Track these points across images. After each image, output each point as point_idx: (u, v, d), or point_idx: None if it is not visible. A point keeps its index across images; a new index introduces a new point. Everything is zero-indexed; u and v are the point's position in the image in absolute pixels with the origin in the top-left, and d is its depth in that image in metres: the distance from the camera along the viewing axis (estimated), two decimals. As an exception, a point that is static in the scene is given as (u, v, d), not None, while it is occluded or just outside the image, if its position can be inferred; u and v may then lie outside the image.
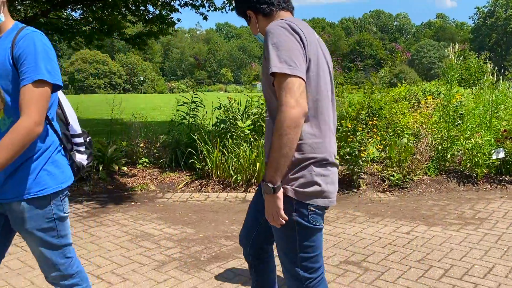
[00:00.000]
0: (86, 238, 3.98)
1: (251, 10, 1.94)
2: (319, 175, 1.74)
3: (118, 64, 76.24)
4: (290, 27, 1.71)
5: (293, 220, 1.74)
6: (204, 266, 3.34)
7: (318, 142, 1.74)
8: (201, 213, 4.74)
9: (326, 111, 1.79)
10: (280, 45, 1.67)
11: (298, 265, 1.80)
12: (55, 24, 11.93)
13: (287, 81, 1.62)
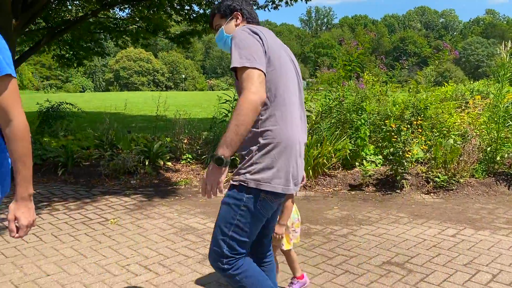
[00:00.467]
0: (133, 229, 4.15)
1: (240, 14, 2.20)
2: (278, 161, 1.89)
3: (161, 62, 78.02)
4: (250, 30, 1.95)
5: (242, 201, 1.89)
6: (247, 261, 3.41)
7: (280, 129, 1.90)
8: (243, 209, 4.81)
9: (289, 103, 1.96)
10: (240, 44, 1.88)
11: (226, 241, 1.93)
12: (103, 23, 12.38)
13: (247, 72, 1.82)
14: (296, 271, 2.90)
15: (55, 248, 3.68)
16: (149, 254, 3.56)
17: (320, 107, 6.73)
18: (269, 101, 1.91)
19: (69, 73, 66.03)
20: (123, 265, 3.35)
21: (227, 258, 1.93)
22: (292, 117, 1.96)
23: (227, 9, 2.20)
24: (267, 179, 1.87)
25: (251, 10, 2.23)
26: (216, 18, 2.24)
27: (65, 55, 13.71)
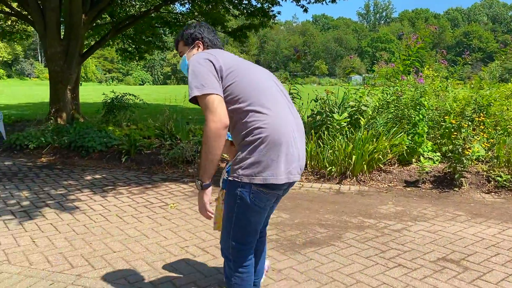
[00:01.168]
0: (191, 214, 4.35)
1: (201, 42, 2.31)
2: (266, 155, 1.97)
3: (217, 56, 79.25)
4: (200, 57, 2.08)
5: (237, 195, 2.02)
6: (300, 249, 3.50)
7: (264, 124, 1.98)
8: (296, 200, 4.90)
9: (267, 100, 2.03)
10: (192, 74, 2.03)
11: (230, 232, 2.11)
12: (164, 18, 12.85)
13: (203, 101, 1.97)
14: None
15: (120, 228, 3.95)
16: (206, 237, 3.74)
17: (377, 102, 6.65)
18: (244, 106, 2.01)
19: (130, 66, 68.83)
20: (182, 246, 3.55)
21: (233, 249, 2.13)
22: (276, 110, 2.03)
23: (189, 38, 2.32)
24: (258, 172, 1.97)
25: (213, 38, 2.33)
26: (180, 45, 2.37)
27: (128, 49, 14.37)
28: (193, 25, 2.35)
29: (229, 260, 2.18)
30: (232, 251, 2.14)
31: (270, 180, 1.98)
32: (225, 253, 2.20)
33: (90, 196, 4.99)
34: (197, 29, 2.31)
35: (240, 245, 2.13)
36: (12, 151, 7.44)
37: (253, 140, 1.97)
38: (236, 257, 2.15)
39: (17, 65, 64.55)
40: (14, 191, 5.12)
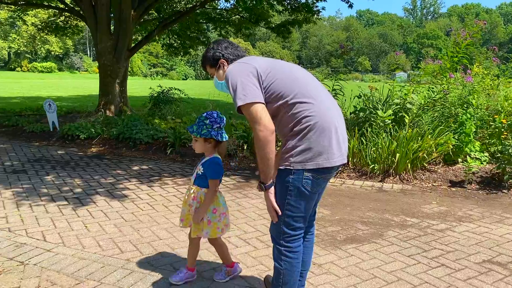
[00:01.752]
0: (233, 206, 4.46)
1: (225, 59, 2.36)
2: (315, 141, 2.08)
3: (258, 52, 79.48)
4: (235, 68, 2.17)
5: (289, 182, 2.11)
6: (340, 245, 3.52)
7: (311, 113, 2.08)
8: (337, 197, 4.90)
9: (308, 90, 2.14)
10: (232, 86, 2.11)
11: (281, 219, 2.18)
12: (209, 14, 13.05)
13: (248, 111, 2.06)
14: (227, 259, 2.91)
15: (166, 217, 4.11)
16: (248, 229, 3.83)
17: (422, 100, 6.51)
18: (290, 100, 2.11)
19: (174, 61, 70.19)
20: (224, 237, 3.65)
21: (283, 234, 2.21)
22: (319, 99, 2.15)
23: (212, 60, 2.38)
24: (310, 158, 2.08)
25: (234, 50, 2.37)
26: (208, 68, 2.44)
27: (173, 44, 14.71)
28: (210, 47, 2.42)
29: (279, 245, 2.25)
30: (283, 237, 2.22)
31: (324, 164, 2.10)
32: (276, 239, 2.27)
33: (137, 185, 5.20)
34: (216, 49, 2.37)
35: (292, 231, 2.21)
36: (64, 141, 7.83)
37: (302, 128, 2.08)
38: (287, 242, 2.23)
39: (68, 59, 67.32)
40: (67, 179, 5.42)
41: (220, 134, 2.56)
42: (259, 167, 2.13)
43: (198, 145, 2.60)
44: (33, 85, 28.73)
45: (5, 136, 8.58)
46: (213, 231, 2.65)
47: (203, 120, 2.55)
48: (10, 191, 4.84)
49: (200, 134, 2.53)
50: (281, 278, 2.27)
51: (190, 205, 2.65)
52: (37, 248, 3.34)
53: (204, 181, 2.61)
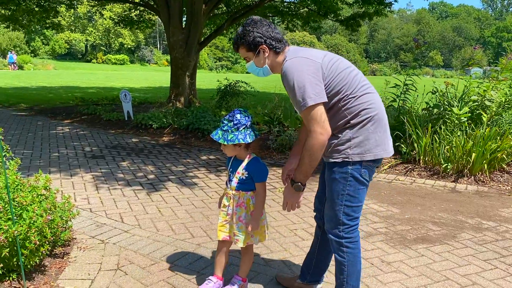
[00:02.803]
0: (303, 201, 4.46)
1: (265, 45, 2.18)
2: (373, 132, 2.13)
3: (324, 45, 78.40)
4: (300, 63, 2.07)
5: (348, 173, 2.13)
6: (410, 244, 3.42)
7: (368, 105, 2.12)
8: (407, 196, 4.75)
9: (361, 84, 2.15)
10: (296, 85, 2.03)
11: (341, 210, 2.19)
12: (277, 7, 13.06)
13: (310, 113, 2.02)
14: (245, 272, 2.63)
15: (234, 206, 4.21)
16: (313, 223, 3.83)
17: (503, 97, 6.11)
18: (349, 94, 2.11)
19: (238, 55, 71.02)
20: (291, 229, 3.69)
21: (343, 225, 2.21)
22: (373, 91, 2.20)
23: (251, 44, 2.20)
24: (368, 149, 2.12)
25: (275, 34, 2.20)
26: (242, 50, 2.25)
27: (240, 38, 14.88)
28: (249, 29, 2.19)
29: (340, 238, 2.24)
30: (343, 229, 2.22)
31: (382, 154, 2.15)
32: (335, 233, 2.25)
33: (206, 174, 5.37)
34: (256, 32, 2.18)
35: (351, 222, 2.22)
36: (138, 130, 8.25)
37: (361, 120, 2.11)
38: (347, 233, 2.23)
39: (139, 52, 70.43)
40: (141, 165, 5.72)
41: (248, 135, 2.32)
42: (302, 168, 2.11)
43: (228, 150, 2.40)
44: (108, 76, 30.43)
45: (85, 123, 9.19)
46: (262, 235, 2.51)
47: (227, 124, 2.33)
48: (90, 175, 5.19)
49: (226, 140, 2.31)
50: (346, 270, 2.27)
51: (235, 213, 2.44)
52: (116, 228, 3.57)
53: (248, 185, 2.42)
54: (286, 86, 2.11)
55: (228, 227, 2.48)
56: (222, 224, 2.49)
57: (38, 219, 2.57)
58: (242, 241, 2.43)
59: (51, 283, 2.63)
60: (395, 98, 6.99)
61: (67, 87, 18.92)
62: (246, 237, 2.44)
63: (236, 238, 2.45)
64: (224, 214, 2.48)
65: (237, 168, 2.43)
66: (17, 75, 28.02)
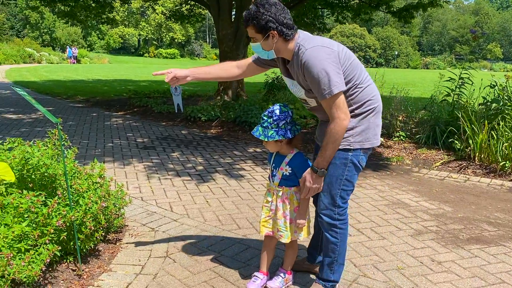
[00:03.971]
0: (347, 195, 4.41)
1: (276, 31, 2.15)
2: (373, 122, 2.27)
3: (374, 38, 76.41)
4: (329, 50, 2.11)
5: (348, 159, 2.25)
6: (463, 244, 3.29)
7: (372, 97, 2.25)
8: (460, 194, 4.57)
9: (366, 75, 2.28)
10: (320, 74, 2.06)
11: (338, 194, 2.31)
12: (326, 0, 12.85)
13: (334, 101, 2.10)
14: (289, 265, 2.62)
15: (280, 199, 4.22)
16: (361, 219, 3.77)
17: None
18: (358, 84, 2.21)
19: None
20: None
21: (339, 208, 2.33)
22: (372, 84, 2.30)
23: (262, 28, 2.15)
24: (367, 138, 2.26)
25: (287, 22, 2.15)
26: (251, 30, 2.20)
27: (288, 31, 14.80)
28: (262, 11, 2.11)
29: (334, 220, 2.36)
30: (339, 211, 2.35)
31: (377, 143, 2.32)
32: (330, 215, 2.35)
33: (252, 167, 5.41)
34: (269, 16, 2.11)
35: (344, 204, 2.37)
36: (187, 122, 8.43)
37: (365, 111, 2.24)
38: (341, 216, 2.37)
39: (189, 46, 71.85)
40: (190, 157, 5.85)
41: (288, 130, 2.29)
42: (327, 154, 2.20)
43: (271, 146, 2.37)
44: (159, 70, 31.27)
45: (137, 115, 9.51)
46: (306, 231, 2.46)
47: (267, 120, 2.30)
48: (142, 165, 5.37)
49: (267, 137, 2.28)
50: (337, 249, 2.41)
51: (278, 209, 2.41)
52: (165, 217, 3.68)
53: (292, 181, 2.39)
54: (308, 74, 2.12)
55: (272, 222, 2.46)
56: (265, 219, 2.47)
57: (93, 205, 2.70)
58: (286, 237, 2.41)
59: (104, 267, 2.76)
60: (449, 93, 6.71)
61: (121, 80, 19.65)
62: (290, 233, 2.41)
63: (279, 234, 2.42)
64: (267, 209, 2.46)
65: (279, 164, 2.40)
66: (75, 69, 29.43)
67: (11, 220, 2.27)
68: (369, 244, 3.26)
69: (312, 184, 2.28)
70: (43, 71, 25.04)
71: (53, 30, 57.52)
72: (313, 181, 2.27)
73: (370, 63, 72.16)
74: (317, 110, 2.36)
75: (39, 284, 2.48)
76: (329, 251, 2.42)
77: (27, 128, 7.57)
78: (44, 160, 2.73)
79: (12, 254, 2.10)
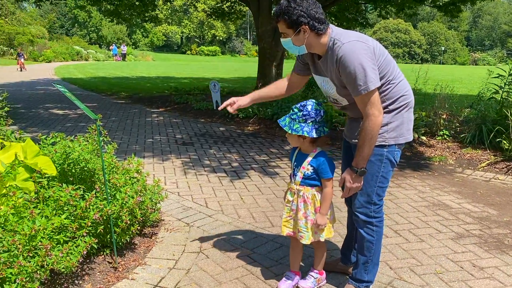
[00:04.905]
0: (386, 196, 4.28)
1: (308, 26, 2.08)
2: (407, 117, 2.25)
3: (420, 33, 74.08)
4: (365, 45, 2.06)
5: (383, 155, 2.23)
6: (508, 250, 3.12)
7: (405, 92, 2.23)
8: (507, 196, 4.34)
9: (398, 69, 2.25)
10: (362, 69, 2.01)
11: (374, 191, 2.28)
12: (369, -6, 12.57)
13: (369, 97, 2.05)
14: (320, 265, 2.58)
15: (315, 198, 4.17)
16: (399, 220, 3.66)
17: None
18: (391, 79, 2.18)
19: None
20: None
21: (375, 205, 2.31)
22: (405, 80, 2.28)
23: (293, 23, 2.10)
24: (401, 133, 2.23)
25: (319, 16, 2.10)
26: (282, 26, 2.14)
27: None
28: (294, 6, 2.06)
29: (370, 218, 2.33)
30: (374, 208, 2.32)
31: (410, 138, 2.29)
32: (366, 213, 2.32)
33: (288, 164, 5.38)
34: (301, 11, 2.06)
35: (380, 202, 2.34)
36: (225, 119, 8.50)
37: (399, 107, 2.21)
38: (378, 213, 2.34)
39: (230, 43, 72.42)
40: (226, 153, 5.89)
41: (315, 129, 2.21)
42: (364, 153, 2.15)
43: (292, 139, 2.31)
44: (200, 67, 31.73)
45: (177, 111, 9.68)
46: (328, 231, 2.39)
47: (296, 113, 2.24)
48: (180, 161, 5.46)
49: (291, 129, 2.23)
50: (373, 248, 2.37)
51: (299, 209, 2.34)
52: (200, 212, 3.72)
53: (314, 181, 2.31)
54: (344, 69, 2.06)
55: (293, 222, 2.40)
56: (286, 219, 2.42)
57: (130, 200, 2.76)
58: (307, 238, 2.34)
59: (139, 261, 2.82)
60: (498, 90, 6.39)
61: (163, 77, 20.08)
62: (311, 234, 2.34)
63: (300, 234, 2.36)
64: (288, 209, 2.41)
65: (301, 162, 2.33)
66: (120, 66, 30.36)
67: (50, 213, 2.35)
68: (407, 246, 3.16)
69: (352, 183, 2.24)
70: (90, 68, 26.00)
71: (100, 29, 59.56)
72: (353, 180, 2.24)
73: (415, 59, 70.07)
74: (348, 108, 2.31)
75: (77, 275, 2.56)
76: (365, 250, 2.39)
77: (72, 124, 7.87)
78: (84, 155, 2.82)
79: (51, 245, 2.19)
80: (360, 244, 2.41)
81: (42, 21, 52.82)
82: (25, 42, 33.29)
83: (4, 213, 2.18)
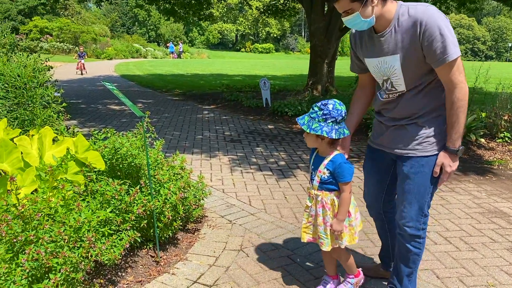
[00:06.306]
0: (437, 200, 4.10)
1: None
2: None
3: (484, 29, 70.15)
4: (444, 15, 1.91)
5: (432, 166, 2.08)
6: None
7: None
8: None
9: None
10: (449, 32, 1.87)
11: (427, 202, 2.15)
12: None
13: (458, 63, 1.90)
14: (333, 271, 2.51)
15: (361, 200, 4.05)
16: (450, 227, 3.48)
17: None
18: None
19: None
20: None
21: (425, 217, 2.19)
22: None
23: None
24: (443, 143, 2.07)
25: None
26: (345, 1, 1.91)
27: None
28: None
29: (419, 229, 2.19)
30: (424, 220, 2.20)
31: None
32: (416, 224, 2.18)
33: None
34: None
35: (428, 213, 2.22)
36: (274, 117, 8.49)
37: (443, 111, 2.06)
38: (425, 224, 2.21)
39: (284, 40, 72.24)
40: (273, 151, 5.87)
41: (335, 130, 2.05)
42: (460, 127, 1.99)
43: (309, 139, 2.16)
44: (253, 64, 31.91)
45: (228, 109, 9.79)
46: (350, 237, 2.25)
47: (317, 112, 2.08)
48: (227, 158, 5.52)
49: (310, 128, 2.07)
50: (419, 259, 2.28)
51: (318, 215, 2.22)
52: (243, 210, 3.74)
53: (332, 185, 2.18)
54: (431, 34, 1.87)
55: (312, 228, 2.29)
56: (306, 225, 2.31)
57: (173, 196, 2.82)
58: (327, 245, 2.23)
59: (181, 256, 2.88)
60: None
61: (217, 75, 20.40)
62: (331, 240, 2.23)
63: (320, 241, 2.25)
64: (307, 215, 2.30)
65: (318, 166, 2.20)
66: (176, 63, 31.20)
67: (95, 206, 2.45)
68: (457, 255, 3.00)
69: (453, 167, 2.07)
70: (148, 66, 26.93)
71: (158, 27, 61.52)
72: (452, 163, 2.06)
73: (479, 56, 66.43)
74: (399, 102, 2.11)
75: (120, 267, 2.66)
76: (410, 262, 2.26)
77: (127, 119, 8.19)
78: (131, 151, 2.91)
79: (96, 237, 2.28)
80: (405, 257, 2.26)
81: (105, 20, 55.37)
82: (89, 40, 35.07)
83: (54, 204, 2.29)
